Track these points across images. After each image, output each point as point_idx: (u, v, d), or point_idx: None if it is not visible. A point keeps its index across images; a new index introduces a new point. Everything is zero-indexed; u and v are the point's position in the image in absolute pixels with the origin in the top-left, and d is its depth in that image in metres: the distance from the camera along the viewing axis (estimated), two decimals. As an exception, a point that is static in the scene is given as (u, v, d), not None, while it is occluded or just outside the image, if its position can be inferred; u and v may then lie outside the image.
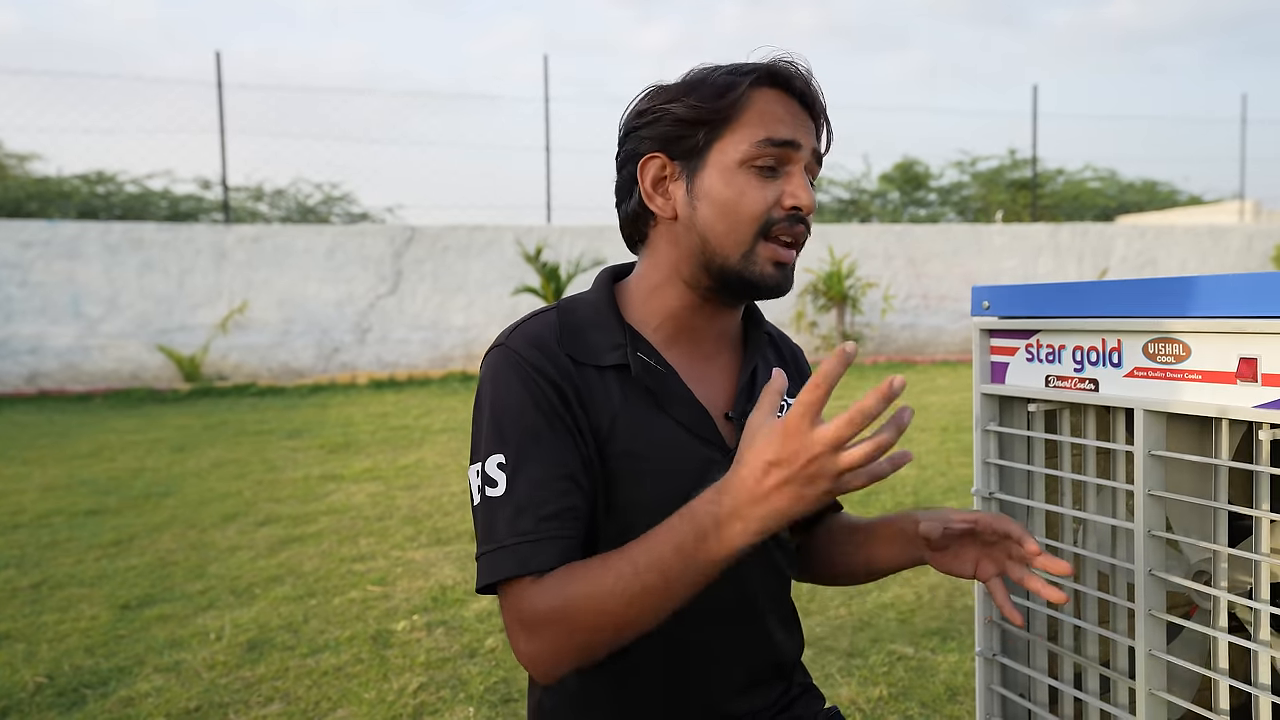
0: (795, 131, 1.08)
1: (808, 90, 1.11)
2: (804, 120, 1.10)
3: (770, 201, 1.06)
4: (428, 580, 3.27)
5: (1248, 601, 1.02)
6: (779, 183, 1.07)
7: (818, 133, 1.13)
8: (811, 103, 1.12)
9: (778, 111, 1.08)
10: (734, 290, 1.09)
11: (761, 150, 1.06)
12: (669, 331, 1.13)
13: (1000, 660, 1.33)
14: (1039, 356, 1.24)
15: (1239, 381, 1.00)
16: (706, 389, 1.14)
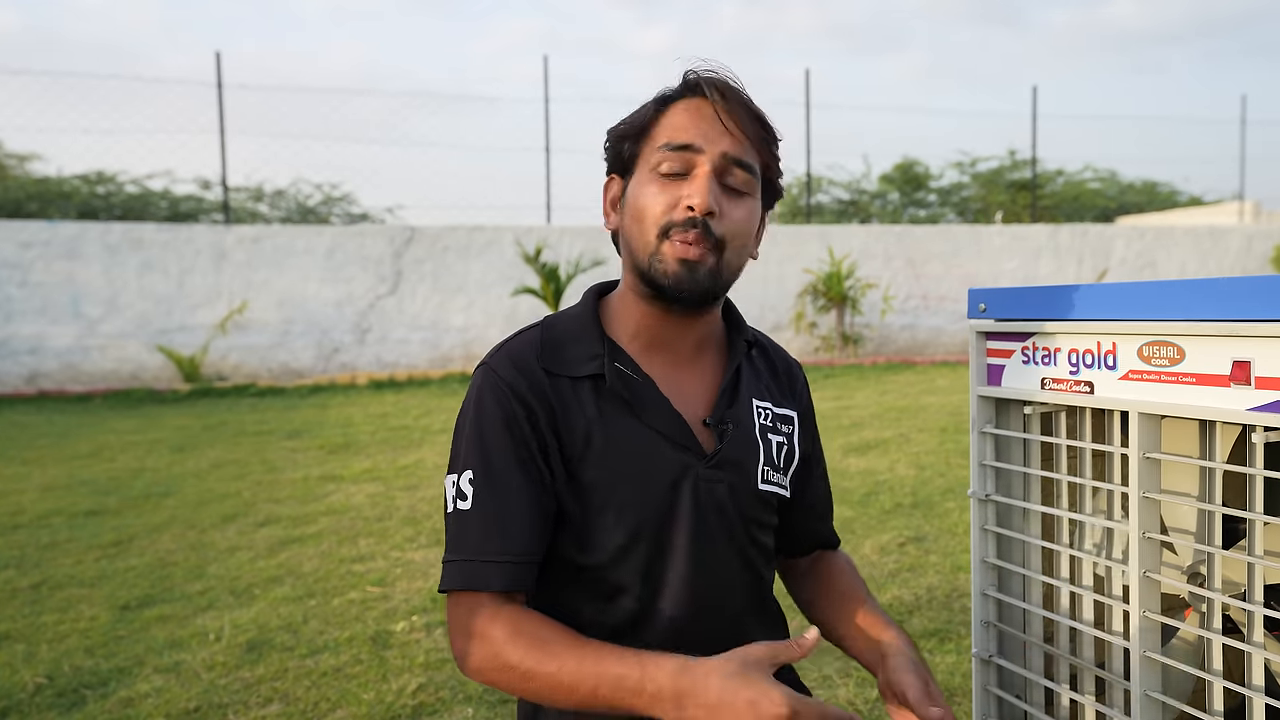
0: (696, 136, 1.09)
1: (721, 98, 1.11)
2: (713, 126, 1.10)
3: (670, 204, 1.09)
4: (427, 581, 3.28)
5: (1242, 603, 1.03)
6: (683, 185, 1.09)
7: (745, 139, 1.11)
8: (729, 110, 1.11)
9: (683, 120, 1.11)
10: (655, 291, 1.12)
11: (663, 155, 1.10)
12: (645, 341, 1.17)
13: (997, 661, 1.34)
14: (1035, 359, 1.25)
15: (1233, 384, 1.00)
16: (685, 396, 1.17)
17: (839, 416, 6.87)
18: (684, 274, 1.09)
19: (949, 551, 3.42)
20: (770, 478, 1.20)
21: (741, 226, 1.12)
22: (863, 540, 3.61)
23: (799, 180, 16.68)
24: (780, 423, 1.24)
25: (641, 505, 1.11)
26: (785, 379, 1.29)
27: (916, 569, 3.24)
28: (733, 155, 1.10)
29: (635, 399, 1.14)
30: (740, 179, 1.11)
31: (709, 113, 1.11)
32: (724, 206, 1.10)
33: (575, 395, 1.12)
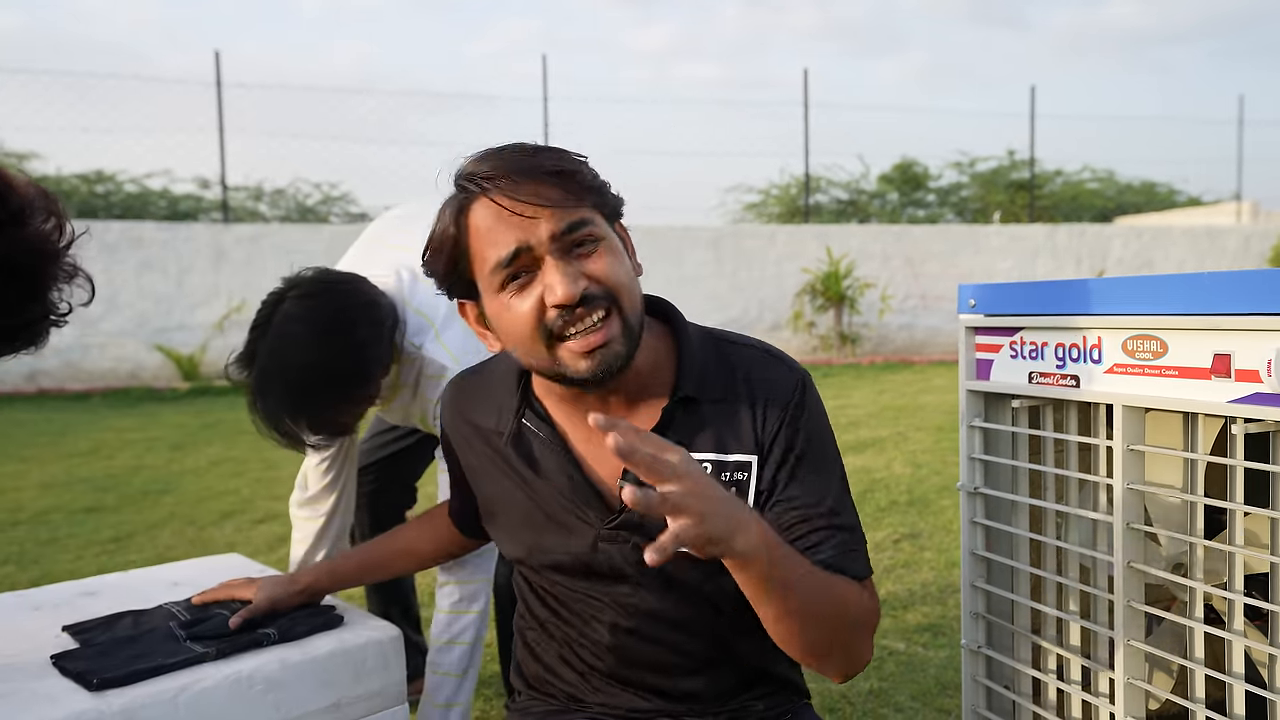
0: (514, 238, 1.00)
1: (506, 191, 1.01)
2: (522, 215, 1.00)
3: (537, 312, 1.01)
4: (424, 577, 3.29)
5: (1223, 592, 1.05)
6: (536, 285, 1.02)
7: (559, 205, 1.01)
8: (525, 193, 1.00)
9: (491, 228, 1.02)
10: (573, 387, 1.07)
11: (499, 275, 1.02)
12: (564, 402, 1.12)
13: (985, 652, 1.36)
14: (1023, 353, 1.27)
15: (1213, 377, 1.02)
16: (607, 455, 1.09)
17: (836, 416, 6.89)
18: (597, 363, 1.02)
19: (944, 548, 3.44)
20: None
21: (614, 274, 1.03)
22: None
23: (798, 180, 16.71)
24: (726, 472, 1.08)
25: (536, 555, 1.15)
26: (758, 415, 1.10)
27: (911, 565, 3.26)
28: (558, 229, 1.00)
29: (532, 458, 1.14)
30: (583, 236, 1.02)
31: (507, 204, 1.01)
32: (586, 267, 1.02)
33: (486, 443, 1.18)
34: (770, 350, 1.16)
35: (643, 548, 0.97)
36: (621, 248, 1.07)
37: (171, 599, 1.44)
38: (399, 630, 1.37)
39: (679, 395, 1.08)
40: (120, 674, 1.13)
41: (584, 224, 1.02)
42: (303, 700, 1.23)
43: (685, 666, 1.14)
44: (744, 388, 1.11)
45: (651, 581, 1.10)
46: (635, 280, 1.07)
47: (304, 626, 1.31)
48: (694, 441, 1.09)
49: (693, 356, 1.11)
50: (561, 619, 1.17)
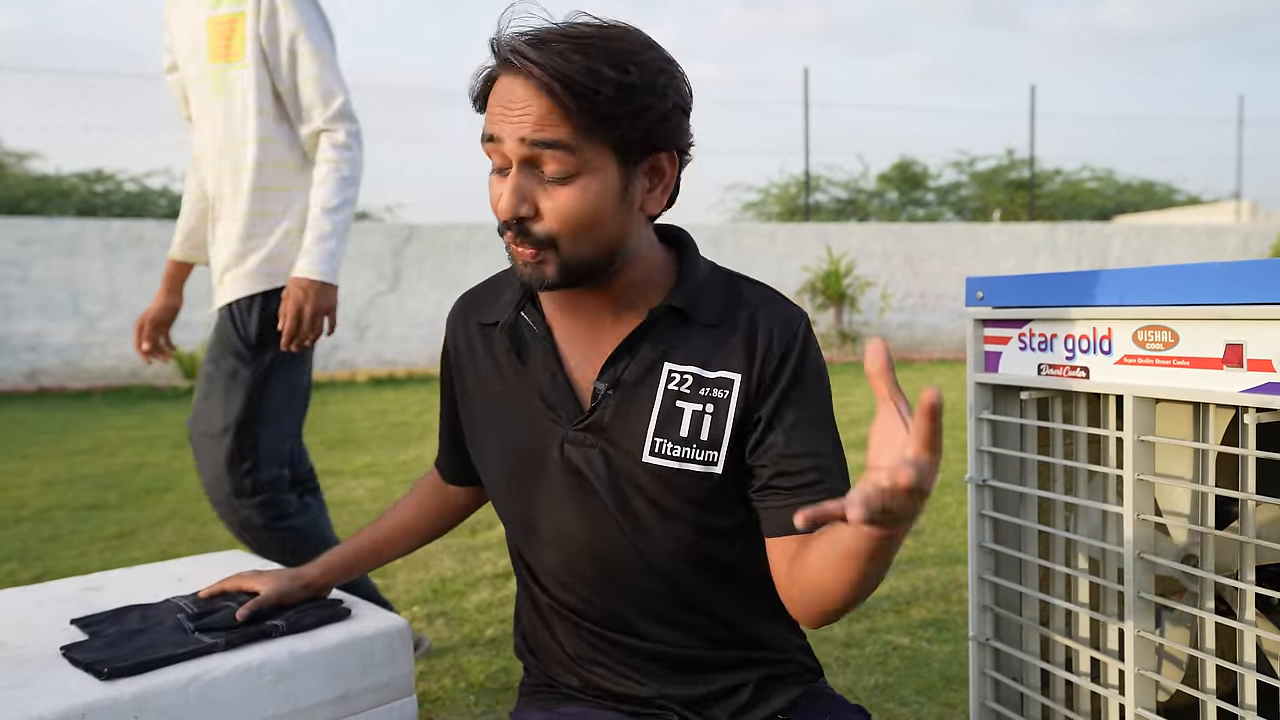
0: (499, 124, 0.99)
1: (513, 66, 0.97)
2: (517, 106, 0.97)
3: (494, 203, 1.02)
4: (428, 572, 3.30)
5: (1234, 582, 1.05)
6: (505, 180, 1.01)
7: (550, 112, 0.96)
8: (524, 81, 0.96)
9: (493, 106, 1.01)
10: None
11: (485, 149, 1.02)
12: (558, 301, 1.13)
13: (994, 645, 1.36)
14: (1031, 345, 1.27)
15: (1225, 367, 1.02)
16: (588, 356, 1.11)
17: (837, 413, 6.87)
18: (528, 274, 1.03)
19: (946, 544, 3.44)
20: (665, 450, 1.07)
21: (569, 217, 0.99)
22: (861, 534, 3.63)
23: (797, 179, 16.70)
24: (706, 387, 1.07)
25: (509, 462, 1.16)
26: (754, 338, 1.08)
27: (914, 561, 3.26)
28: (531, 139, 0.97)
29: (523, 349, 1.14)
30: (552, 161, 0.98)
31: (514, 90, 0.97)
32: (540, 201, 0.99)
33: (485, 343, 1.18)
34: (774, 290, 1.15)
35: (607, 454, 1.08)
36: (605, 188, 1.00)
37: (177, 593, 1.44)
38: (407, 622, 1.37)
39: (666, 304, 1.08)
40: (130, 664, 1.13)
41: (556, 145, 0.97)
42: (312, 691, 1.23)
43: (654, 612, 1.12)
44: (745, 316, 1.10)
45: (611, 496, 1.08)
46: (599, 222, 1.01)
47: (311, 618, 1.31)
48: (674, 352, 1.08)
49: (692, 276, 1.12)
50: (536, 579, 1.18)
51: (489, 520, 3.98)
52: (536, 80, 0.95)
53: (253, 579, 1.37)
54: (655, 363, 1.08)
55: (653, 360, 1.08)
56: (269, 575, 1.37)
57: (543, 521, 1.14)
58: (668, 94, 1.01)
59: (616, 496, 1.09)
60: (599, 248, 1.03)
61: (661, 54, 1.03)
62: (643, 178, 1.04)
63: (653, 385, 1.07)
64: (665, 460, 1.07)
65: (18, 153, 17.33)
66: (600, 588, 1.13)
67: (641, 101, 0.98)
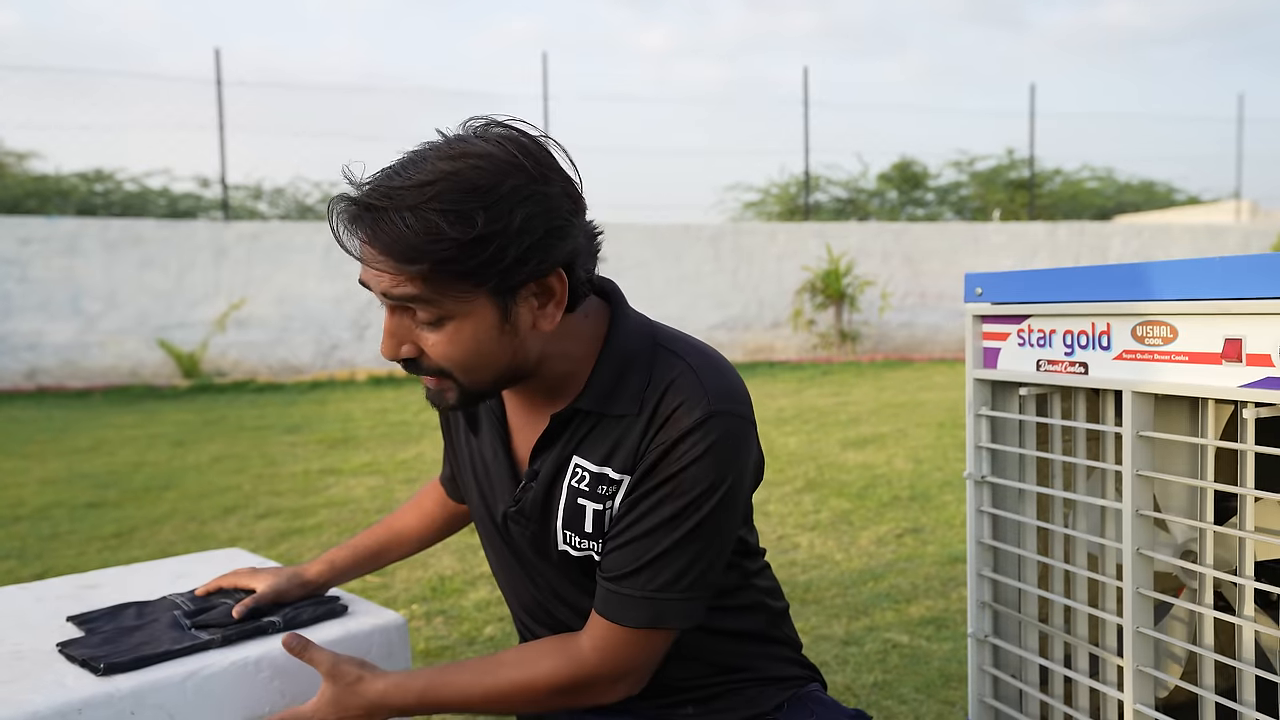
0: (366, 276, 0.97)
1: (350, 236, 0.95)
2: (364, 261, 0.96)
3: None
4: (427, 571, 3.29)
5: (1232, 578, 1.05)
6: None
7: (397, 273, 0.92)
8: (365, 247, 0.94)
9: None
10: None
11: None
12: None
13: (992, 641, 1.36)
14: (1030, 341, 1.27)
15: (1224, 362, 1.02)
16: (528, 436, 1.13)
17: (837, 412, 6.90)
18: (431, 397, 1.05)
19: (946, 542, 3.44)
20: (573, 542, 1.09)
21: (453, 355, 0.98)
22: (860, 532, 3.63)
23: (797, 179, 16.69)
24: (602, 485, 1.05)
25: (476, 514, 1.24)
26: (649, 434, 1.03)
27: (914, 559, 3.26)
28: (393, 295, 0.94)
29: (472, 422, 1.21)
30: (419, 310, 0.96)
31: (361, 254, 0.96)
32: (423, 342, 0.98)
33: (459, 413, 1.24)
34: (700, 369, 1.04)
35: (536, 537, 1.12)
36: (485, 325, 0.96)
37: (174, 591, 1.44)
38: (404, 619, 1.37)
39: (572, 406, 1.06)
40: (126, 660, 1.13)
41: (414, 300, 0.94)
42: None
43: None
44: (652, 403, 1.03)
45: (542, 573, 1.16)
46: (486, 358, 0.99)
47: (308, 615, 1.31)
48: (582, 445, 1.07)
49: (607, 367, 1.06)
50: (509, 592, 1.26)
51: (488, 519, 3.98)
52: (377, 243, 0.92)
53: (250, 576, 1.37)
54: (566, 458, 1.08)
55: (565, 455, 1.08)
56: (266, 573, 1.37)
57: (500, 575, 1.25)
58: (531, 226, 0.92)
59: (547, 573, 1.16)
60: (495, 373, 1.01)
61: (522, 179, 0.92)
62: (528, 300, 0.98)
63: (561, 481, 1.09)
64: (576, 551, 1.10)
65: (17, 152, 17.34)
66: (557, 628, 1.19)
67: (496, 246, 0.91)
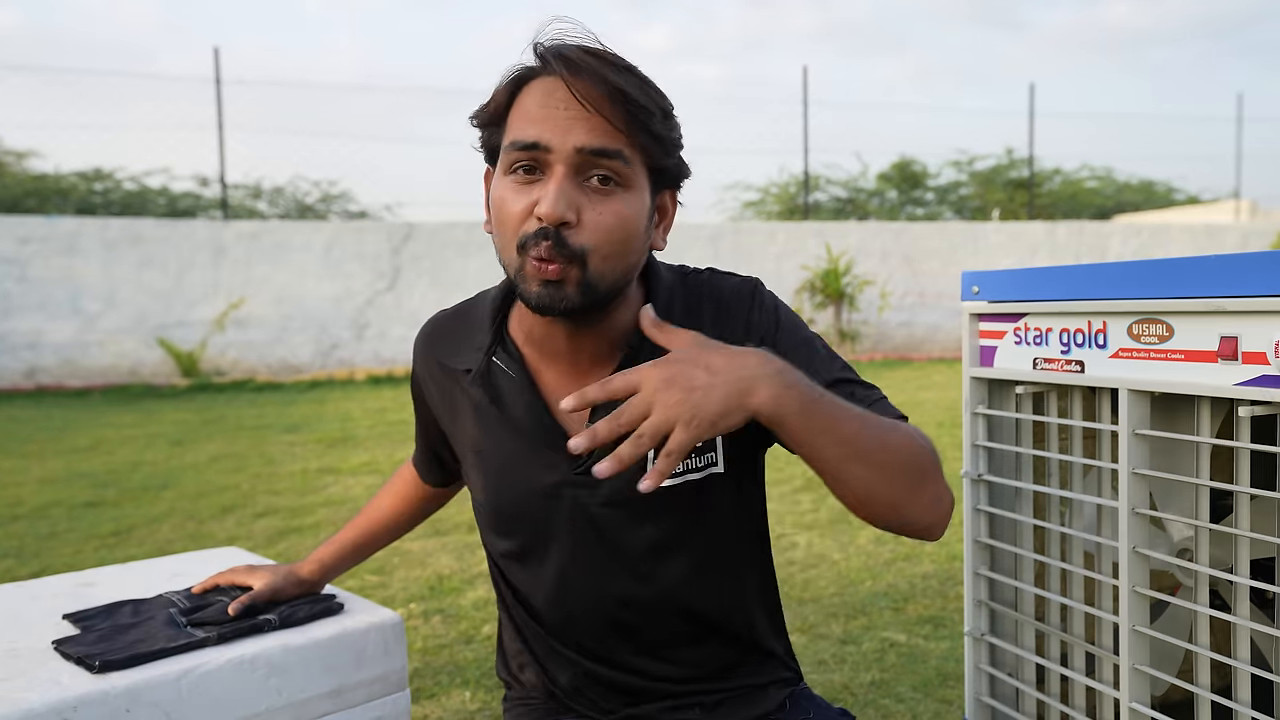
0: (545, 129, 0.94)
1: (571, 74, 0.94)
2: (565, 112, 0.94)
3: (524, 211, 0.95)
4: (425, 570, 3.30)
5: (1228, 576, 1.05)
6: (536, 187, 0.95)
7: (607, 124, 0.94)
8: (583, 89, 0.93)
9: (532, 107, 0.96)
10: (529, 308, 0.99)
11: (511, 156, 0.96)
12: (537, 345, 1.08)
13: (989, 640, 1.36)
14: (1027, 339, 1.26)
15: (1220, 360, 1.02)
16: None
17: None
18: (545, 295, 0.95)
19: (944, 541, 3.44)
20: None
21: (611, 230, 0.96)
22: (858, 531, 3.63)
23: (796, 179, 16.70)
24: None
25: (502, 503, 1.11)
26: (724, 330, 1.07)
27: (912, 558, 3.26)
28: (590, 147, 0.94)
29: (500, 399, 1.09)
30: (606, 169, 0.95)
31: (560, 95, 0.94)
32: (584, 211, 0.94)
33: (458, 385, 1.13)
34: (719, 271, 1.13)
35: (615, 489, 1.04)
36: (640, 210, 0.99)
37: (171, 589, 1.44)
38: (400, 617, 1.37)
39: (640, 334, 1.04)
40: (121, 657, 1.13)
41: (614, 156, 0.94)
42: (305, 685, 1.23)
43: (651, 648, 1.12)
44: (707, 315, 1.08)
45: (616, 535, 1.07)
46: (628, 247, 0.98)
47: (304, 613, 1.31)
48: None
49: (659, 298, 1.08)
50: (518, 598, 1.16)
51: (486, 518, 3.98)
52: (600, 88, 0.93)
53: (246, 574, 1.37)
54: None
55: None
56: (263, 571, 1.37)
57: (541, 562, 1.12)
58: (680, 134, 1.02)
59: (621, 535, 1.07)
60: (620, 272, 0.99)
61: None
62: (658, 207, 1.04)
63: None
64: (670, 479, 1.05)
65: (16, 151, 17.33)
66: (596, 625, 1.12)
67: (675, 132, 1.00)
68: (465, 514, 4.06)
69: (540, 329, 1.06)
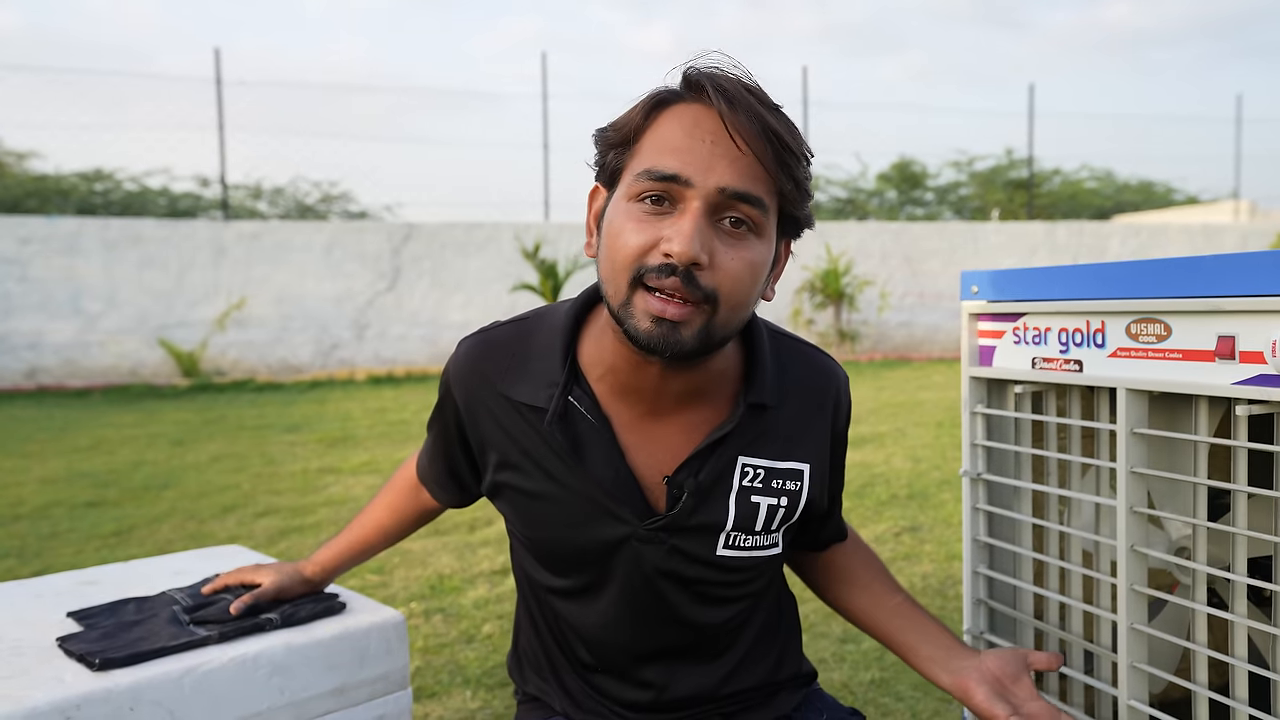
0: (687, 163, 0.89)
1: (727, 106, 0.89)
2: (713, 147, 0.89)
3: (646, 244, 0.89)
4: (425, 569, 3.30)
5: (1226, 574, 1.05)
6: (665, 223, 0.90)
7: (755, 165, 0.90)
8: (735, 124, 0.89)
9: (674, 135, 0.90)
10: (630, 344, 0.94)
11: (642, 185, 0.90)
12: (614, 383, 1.03)
13: (988, 638, 1.36)
14: (1025, 339, 1.27)
15: (1217, 359, 1.03)
16: (654, 448, 1.03)
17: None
18: (658, 334, 0.90)
19: (944, 540, 3.45)
20: (739, 542, 1.06)
21: (740, 278, 0.91)
22: (859, 530, 3.63)
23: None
24: (778, 479, 1.06)
25: (561, 545, 1.07)
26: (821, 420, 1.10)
27: (912, 558, 3.26)
28: (733, 190, 0.89)
29: (577, 442, 1.02)
30: (744, 213, 0.90)
31: (709, 127, 0.89)
32: (717, 254, 0.90)
33: (525, 423, 1.04)
34: (818, 351, 1.13)
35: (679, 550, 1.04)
36: (768, 260, 0.95)
37: (174, 586, 1.44)
38: (403, 616, 1.37)
39: (750, 401, 1.03)
40: (123, 655, 1.13)
41: (754, 202, 0.90)
42: (307, 684, 1.23)
43: (682, 670, 1.13)
44: (802, 394, 1.08)
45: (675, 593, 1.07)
46: (751, 297, 0.95)
47: (306, 612, 1.31)
48: (754, 446, 1.05)
49: (765, 364, 1.05)
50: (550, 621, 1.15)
51: (487, 518, 3.98)
52: (754, 125, 0.89)
53: (253, 572, 1.37)
54: (732, 459, 1.03)
55: (731, 456, 1.03)
56: (269, 569, 1.38)
57: (591, 600, 1.09)
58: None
59: (681, 593, 1.07)
60: (738, 322, 0.95)
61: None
62: (781, 257, 1.01)
63: (728, 482, 1.03)
64: (737, 551, 1.06)
65: (17, 152, 17.34)
66: (633, 655, 1.11)
67: (809, 181, 0.95)
68: (465, 514, 4.07)
69: (629, 368, 1.00)
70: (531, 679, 1.20)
